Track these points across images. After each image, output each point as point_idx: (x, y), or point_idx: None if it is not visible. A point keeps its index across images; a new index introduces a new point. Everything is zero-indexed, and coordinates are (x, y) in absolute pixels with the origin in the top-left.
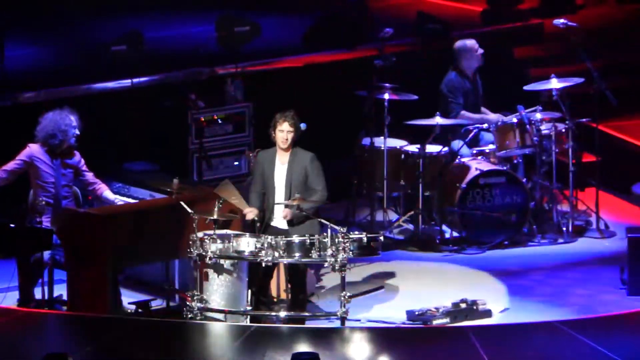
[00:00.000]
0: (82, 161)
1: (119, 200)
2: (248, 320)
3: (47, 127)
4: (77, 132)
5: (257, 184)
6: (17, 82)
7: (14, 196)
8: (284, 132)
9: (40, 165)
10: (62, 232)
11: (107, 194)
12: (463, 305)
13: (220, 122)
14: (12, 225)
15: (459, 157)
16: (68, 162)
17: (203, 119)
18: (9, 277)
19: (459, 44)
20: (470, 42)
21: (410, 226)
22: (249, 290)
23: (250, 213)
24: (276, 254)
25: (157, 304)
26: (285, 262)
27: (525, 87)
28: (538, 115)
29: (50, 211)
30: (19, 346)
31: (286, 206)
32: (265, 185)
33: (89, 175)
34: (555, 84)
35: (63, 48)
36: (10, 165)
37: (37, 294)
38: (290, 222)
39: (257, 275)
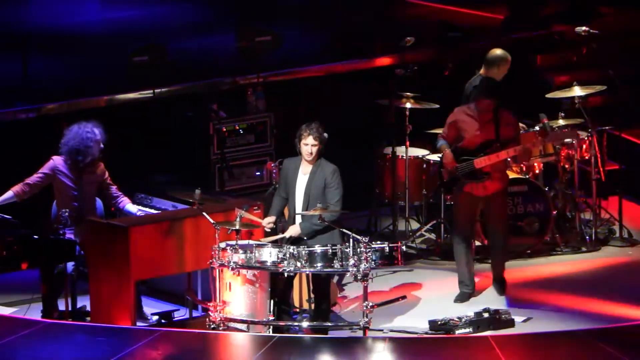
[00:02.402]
0: (107, 174)
1: (141, 212)
2: (271, 330)
3: (71, 142)
4: (102, 146)
5: (281, 189)
6: (40, 93)
7: (37, 208)
8: (308, 145)
9: (63, 179)
10: (85, 243)
11: (129, 206)
12: (486, 315)
13: (241, 132)
14: (35, 236)
15: None
16: (91, 175)
17: (225, 129)
18: (32, 288)
19: (499, 53)
20: (509, 55)
21: (432, 235)
22: (272, 301)
23: (269, 224)
24: (298, 264)
25: (180, 314)
26: (307, 272)
27: (548, 95)
28: (560, 123)
29: (73, 223)
30: (42, 357)
31: (303, 217)
32: (287, 194)
33: (113, 189)
34: (577, 91)
35: (85, 59)
36: (34, 178)
37: (61, 305)
38: (309, 235)
39: (279, 285)
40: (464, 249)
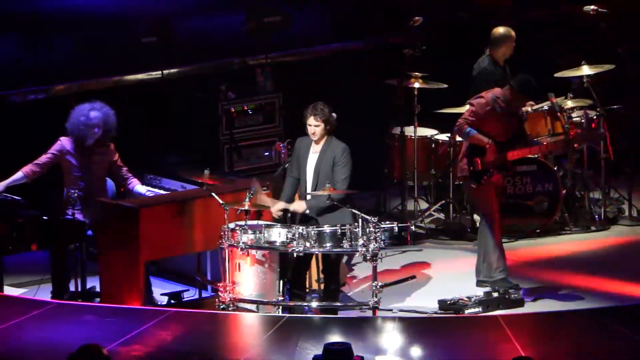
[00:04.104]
0: (117, 155)
1: (150, 193)
2: (280, 310)
3: (68, 124)
4: (98, 129)
5: (292, 170)
6: (49, 74)
7: (47, 189)
8: (311, 126)
9: (71, 159)
10: (94, 224)
11: (139, 187)
12: (495, 294)
13: (250, 112)
14: (45, 217)
15: None
16: (101, 155)
17: (233, 110)
18: (42, 269)
19: (502, 31)
20: (512, 31)
21: (441, 215)
22: (281, 281)
23: (278, 212)
24: (307, 244)
25: (189, 295)
26: (316, 252)
27: (556, 75)
28: (569, 103)
29: (83, 204)
30: (52, 338)
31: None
32: (299, 173)
33: (123, 170)
34: (586, 70)
35: (94, 40)
36: (42, 158)
37: (71, 285)
38: (316, 213)
39: (288, 265)
40: (501, 239)
